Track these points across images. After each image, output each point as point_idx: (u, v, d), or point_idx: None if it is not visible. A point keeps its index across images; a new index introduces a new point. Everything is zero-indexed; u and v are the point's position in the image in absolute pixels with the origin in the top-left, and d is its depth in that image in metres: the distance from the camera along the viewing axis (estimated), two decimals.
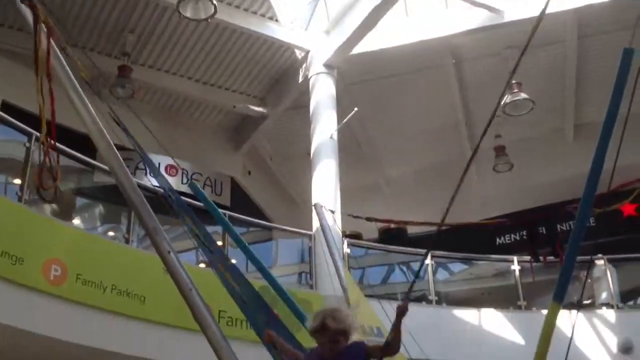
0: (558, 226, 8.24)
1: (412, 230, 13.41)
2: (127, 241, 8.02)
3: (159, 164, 10.65)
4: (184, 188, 9.98)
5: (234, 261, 8.16)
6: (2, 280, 6.08)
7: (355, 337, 3.22)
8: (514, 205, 12.69)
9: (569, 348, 3.55)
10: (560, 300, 3.09)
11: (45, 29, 4.10)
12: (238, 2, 10.43)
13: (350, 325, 3.13)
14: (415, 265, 10.96)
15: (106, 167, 6.04)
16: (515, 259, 10.58)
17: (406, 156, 13.80)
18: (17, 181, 7.31)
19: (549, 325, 3.10)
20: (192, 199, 6.29)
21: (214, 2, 9.03)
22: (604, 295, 10.37)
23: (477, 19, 10.52)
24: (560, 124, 13.02)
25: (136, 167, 10.51)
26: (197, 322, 3.91)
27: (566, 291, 3.12)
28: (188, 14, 9.23)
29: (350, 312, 3.27)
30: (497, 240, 13.34)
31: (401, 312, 3.06)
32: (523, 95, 10.94)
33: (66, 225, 7.83)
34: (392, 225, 12.17)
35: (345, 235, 9.96)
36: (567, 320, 7.76)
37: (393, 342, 3.06)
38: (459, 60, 11.70)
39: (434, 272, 10.63)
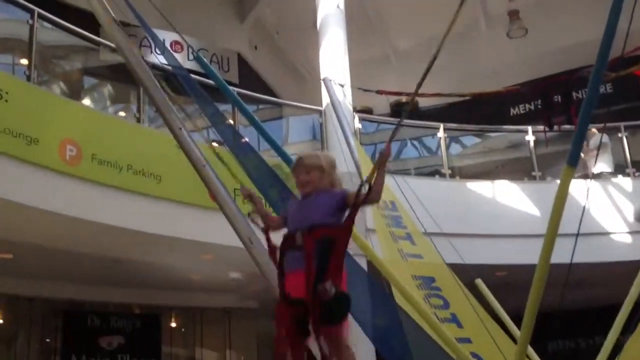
0: (573, 93, 8.08)
1: (423, 103, 13.30)
2: (138, 120, 8.01)
3: (164, 40, 10.40)
4: (190, 65, 9.81)
5: (246, 139, 8.29)
6: (19, 161, 6.09)
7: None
8: (529, 73, 12.30)
9: (582, 214, 3.62)
10: (574, 164, 3.09)
11: None
12: None
13: (328, 164, 3.07)
14: (428, 140, 10.86)
15: (112, 45, 5.98)
16: (529, 129, 10.36)
17: (415, 26, 13.33)
18: (24, 61, 7.20)
19: (563, 188, 3.13)
20: (199, 76, 6.18)
21: None
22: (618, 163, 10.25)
23: None
24: None
25: (141, 44, 10.27)
26: (210, 196, 3.96)
27: (579, 155, 3.12)
28: None
29: (331, 158, 3.15)
30: (512, 110, 13.06)
31: (384, 158, 2.94)
32: None
33: (78, 105, 7.77)
34: (404, 99, 11.99)
35: (355, 110, 9.87)
36: (582, 188, 7.81)
37: (375, 188, 2.90)
38: None
39: (447, 147, 10.51)
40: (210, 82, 5.58)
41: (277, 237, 3.04)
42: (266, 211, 3.27)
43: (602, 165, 10.02)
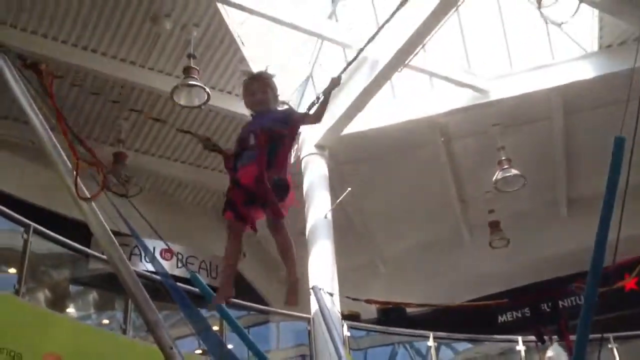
0: (560, 303, 8.21)
1: (411, 308, 13.27)
2: (124, 331, 7.86)
3: (154, 248, 10.59)
4: (178, 272, 9.90)
5: (230, 346, 8.08)
6: None
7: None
8: (512, 281, 12.60)
9: None
10: None
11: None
12: (230, 88, 10.68)
13: (274, 83, 3.72)
14: (417, 344, 10.71)
15: (104, 257, 6.06)
16: (520, 339, 10.30)
17: (400, 234, 13.80)
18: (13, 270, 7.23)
19: None
20: (187, 284, 6.20)
21: (207, 90, 9.24)
22: None
23: (462, 98, 10.82)
24: (553, 199, 13.11)
25: (131, 253, 10.46)
26: None
27: None
28: (182, 101, 9.41)
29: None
30: (499, 318, 13.16)
31: (333, 84, 3.48)
32: (514, 171, 11.08)
33: (62, 317, 7.69)
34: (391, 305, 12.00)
35: (344, 316, 9.81)
36: None
37: (319, 110, 3.50)
38: (448, 139, 11.91)
39: (437, 352, 10.35)
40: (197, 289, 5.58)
41: None
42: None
43: None
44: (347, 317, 10.43)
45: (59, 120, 4.05)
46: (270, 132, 3.44)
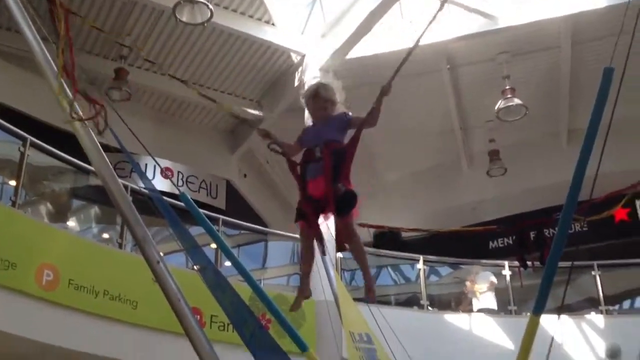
0: (548, 231, 8.27)
1: (405, 233, 13.48)
2: (120, 246, 8.04)
3: (155, 166, 10.69)
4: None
5: (227, 264, 8.27)
6: None
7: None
8: (507, 209, 12.73)
9: (549, 352, 3.61)
10: (539, 313, 3.12)
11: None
12: (234, 6, 10.47)
13: (336, 99, 3.88)
14: (406, 269, 10.97)
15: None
16: (506, 263, 10.60)
17: (400, 160, 13.86)
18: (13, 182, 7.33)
19: (528, 337, 3.15)
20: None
21: (210, 6, 9.06)
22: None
23: (471, 24, 10.59)
24: (554, 129, 13.06)
25: (132, 170, 10.51)
26: (184, 332, 3.96)
27: (545, 304, 3.14)
28: (184, 18, 9.24)
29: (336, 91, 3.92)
30: (491, 244, 13.39)
31: (385, 92, 3.71)
32: (517, 100, 10.99)
33: (59, 230, 7.85)
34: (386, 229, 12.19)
35: None
36: (553, 324, 7.79)
37: (373, 113, 3.67)
38: (454, 66, 11.74)
39: (427, 277, 10.65)
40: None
41: None
42: (283, 141, 3.98)
43: (488, 302, 10.32)
44: None
45: (70, 52, 3.97)
46: (334, 146, 3.66)
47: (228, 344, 6.64)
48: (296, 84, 11.38)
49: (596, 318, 10.23)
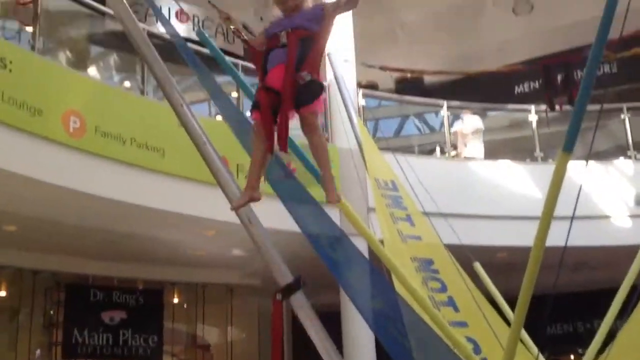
0: (576, 72, 8.00)
1: (429, 78, 13.17)
2: (142, 92, 7.96)
3: (169, 9, 10.33)
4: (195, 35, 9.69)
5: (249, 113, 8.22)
6: (22, 133, 6.08)
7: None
8: (534, 50, 12.18)
9: (577, 199, 3.58)
10: (570, 150, 3.03)
11: None
12: None
13: None
14: (430, 117, 10.79)
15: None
16: (532, 108, 10.27)
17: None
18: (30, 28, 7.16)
19: (558, 177, 3.08)
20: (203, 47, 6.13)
21: None
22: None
23: None
24: None
25: (146, 13, 10.18)
26: (212, 175, 3.96)
27: (575, 141, 3.04)
28: None
29: None
30: (516, 89, 12.88)
31: None
32: None
33: (82, 76, 7.73)
34: (409, 75, 11.93)
35: (361, 85, 9.78)
36: (581, 171, 7.75)
37: None
38: None
39: (450, 124, 10.45)
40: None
41: None
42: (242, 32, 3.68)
43: (475, 148, 10.16)
44: (364, 86, 10.41)
45: None
46: (302, 33, 3.19)
47: None
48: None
49: (625, 164, 10.03)
